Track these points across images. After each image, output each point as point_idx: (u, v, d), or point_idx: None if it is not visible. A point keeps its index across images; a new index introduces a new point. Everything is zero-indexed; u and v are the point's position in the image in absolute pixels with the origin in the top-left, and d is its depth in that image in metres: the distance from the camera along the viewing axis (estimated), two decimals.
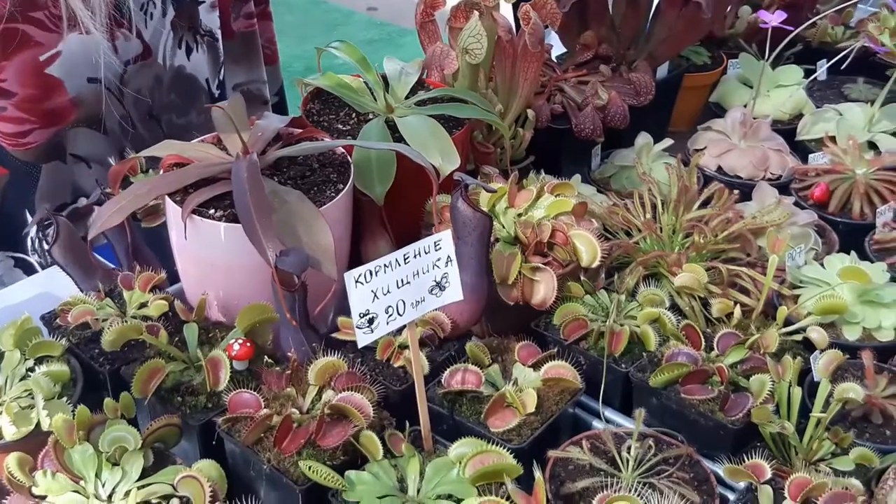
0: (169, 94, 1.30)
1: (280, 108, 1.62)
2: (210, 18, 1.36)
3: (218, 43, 1.38)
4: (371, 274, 0.85)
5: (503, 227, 1.13)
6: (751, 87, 1.57)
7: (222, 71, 1.41)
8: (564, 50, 1.61)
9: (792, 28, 1.49)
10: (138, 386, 0.96)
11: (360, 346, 0.86)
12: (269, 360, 0.98)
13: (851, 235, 1.28)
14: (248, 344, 0.98)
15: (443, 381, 0.98)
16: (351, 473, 0.87)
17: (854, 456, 0.91)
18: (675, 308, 1.10)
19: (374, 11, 5.13)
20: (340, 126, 1.22)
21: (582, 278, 1.12)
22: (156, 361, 0.97)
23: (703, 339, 1.03)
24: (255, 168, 1.02)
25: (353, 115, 1.24)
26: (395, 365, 1.01)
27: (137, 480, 0.88)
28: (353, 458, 0.89)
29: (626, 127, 1.45)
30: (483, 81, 1.35)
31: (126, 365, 1.01)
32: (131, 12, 1.21)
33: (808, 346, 1.05)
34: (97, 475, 0.88)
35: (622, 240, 1.21)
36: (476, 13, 1.27)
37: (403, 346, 1.01)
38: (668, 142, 1.42)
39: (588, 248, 1.10)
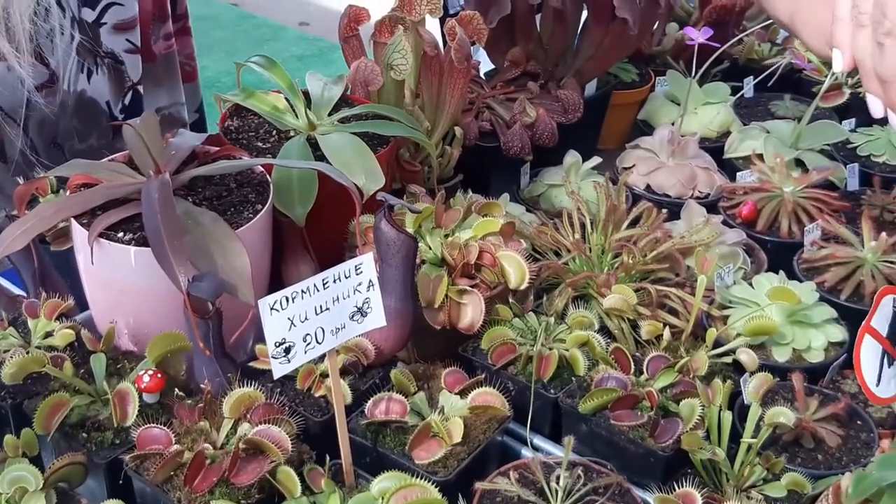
0: (72, 120, 1.25)
1: (199, 126, 1.57)
2: (112, 40, 1.31)
3: (122, 66, 1.33)
4: (287, 300, 0.81)
5: (429, 248, 1.10)
6: (679, 105, 1.57)
7: (129, 95, 1.35)
8: (493, 66, 1.59)
9: (718, 45, 1.49)
10: (41, 421, 0.90)
11: (275, 377, 0.82)
12: (181, 393, 0.93)
13: (780, 254, 1.27)
14: (159, 375, 0.93)
15: (366, 410, 0.94)
16: None
17: (786, 482, 0.90)
18: (604, 330, 1.08)
19: (306, 26, 5.08)
20: (260, 144, 1.18)
21: (510, 300, 1.09)
22: (59, 395, 0.91)
23: (632, 363, 1.01)
24: (167, 188, 0.97)
25: (274, 132, 1.20)
26: (317, 394, 0.97)
27: None
28: (269, 495, 0.85)
29: (555, 145, 1.43)
30: (409, 98, 1.32)
31: (29, 399, 0.95)
32: (37, 40, 1.16)
33: (739, 368, 1.03)
34: None
35: (551, 260, 1.18)
36: (401, 28, 1.24)
37: (325, 375, 0.97)
38: (596, 160, 1.41)
39: (516, 269, 1.08)
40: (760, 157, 1.42)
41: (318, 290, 0.83)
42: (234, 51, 4.71)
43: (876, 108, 0.79)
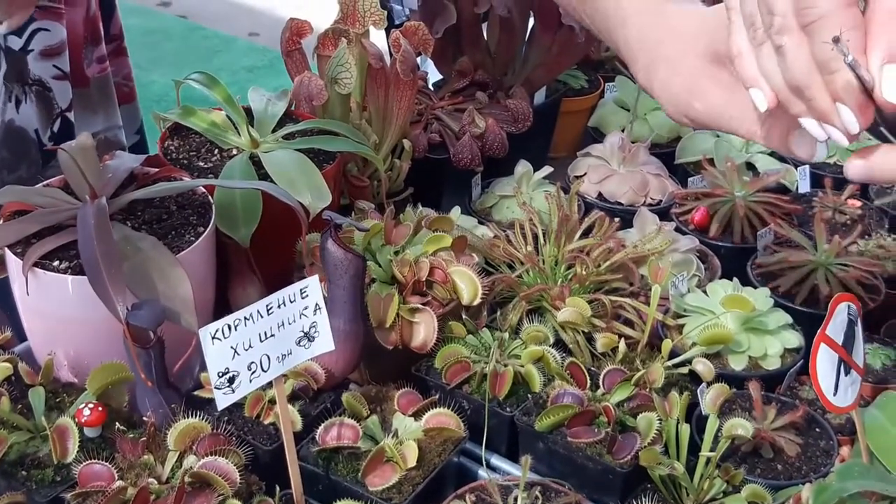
0: (0, 152, 1.21)
1: (140, 148, 1.53)
2: (39, 67, 1.27)
3: (50, 93, 1.29)
4: (230, 328, 0.78)
5: (379, 265, 1.07)
6: (628, 111, 1.56)
7: (57, 122, 1.31)
8: (440, 77, 1.57)
9: None
10: None
11: (219, 408, 0.79)
12: (122, 427, 0.89)
13: (734, 259, 1.26)
14: (101, 408, 0.89)
15: (317, 437, 0.91)
16: None
17: (746, 494, 0.89)
18: (559, 343, 1.06)
19: (256, 37, 5.03)
20: (202, 164, 1.14)
21: (464, 317, 1.07)
22: None
23: (588, 378, 0.99)
24: (104, 213, 0.94)
25: (216, 151, 1.16)
26: (266, 422, 0.94)
27: None
28: None
29: (506, 155, 1.42)
30: (356, 112, 1.29)
31: None
32: None
33: (696, 378, 1.02)
34: None
35: (504, 274, 1.16)
36: (344, 41, 1.22)
37: (274, 401, 0.94)
38: (547, 169, 1.39)
39: (468, 285, 1.06)
40: (711, 161, 1.41)
41: (262, 317, 0.81)
42: (183, 64, 4.64)
43: (817, 132, 0.64)
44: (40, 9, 1.25)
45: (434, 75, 1.58)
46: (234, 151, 1.16)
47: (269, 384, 0.93)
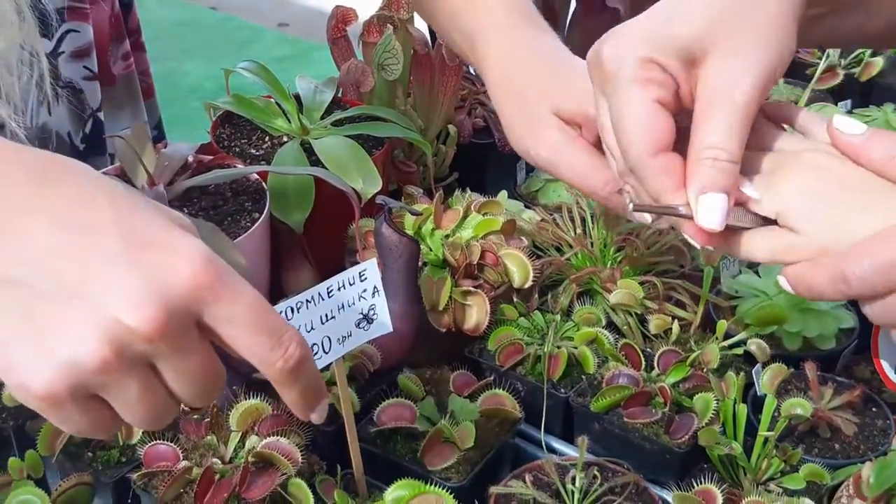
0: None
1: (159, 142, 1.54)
2: (70, 69, 1.28)
3: (82, 94, 1.30)
4: (293, 311, 0.79)
5: (430, 250, 1.08)
6: None
7: (89, 123, 1.32)
8: None
9: None
10: (45, 442, 0.89)
11: None
12: (187, 408, 0.91)
13: None
14: None
15: (375, 418, 0.92)
16: None
17: (804, 473, 0.89)
18: (611, 325, 1.07)
19: (286, 28, 5.05)
20: (253, 151, 1.16)
21: (515, 299, 1.08)
22: None
23: (642, 359, 0.99)
24: (163, 200, 0.95)
25: (267, 138, 1.18)
26: None
27: None
28: None
29: None
30: (401, 98, 1.30)
31: (31, 420, 0.93)
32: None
33: (750, 359, 1.02)
34: None
35: (553, 257, 1.16)
36: (390, 27, 1.23)
37: (331, 383, 0.95)
38: None
39: (520, 267, 1.06)
40: None
41: (322, 299, 0.81)
42: (214, 55, 4.67)
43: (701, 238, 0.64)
44: (69, 10, 1.25)
45: None
46: (285, 138, 1.17)
47: (326, 367, 0.95)
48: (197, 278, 0.52)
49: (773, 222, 0.62)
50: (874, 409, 0.99)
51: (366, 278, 0.84)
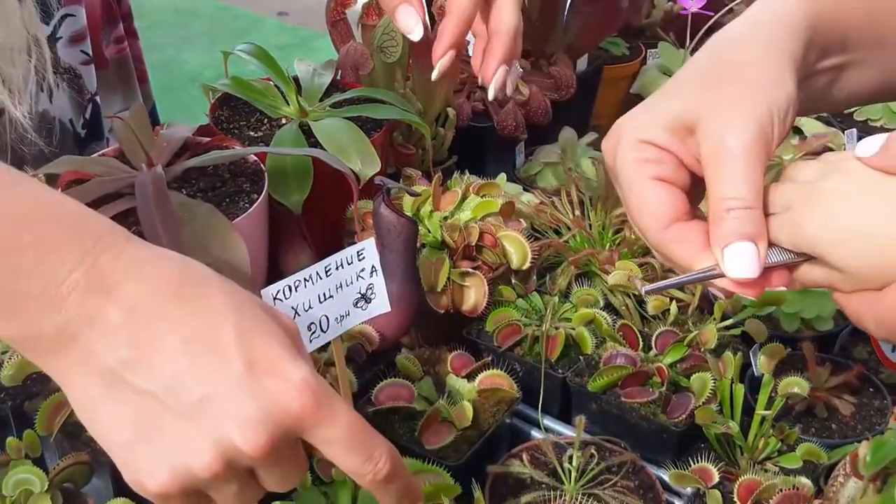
0: (36, 143, 1.22)
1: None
2: (68, 54, 1.27)
3: (81, 79, 1.29)
4: (290, 289, 0.79)
5: (429, 231, 1.08)
6: (670, 77, 1.55)
7: (89, 108, 1.32)
8: None
9: (712, 13, 1.47)
10: (43, 422, 0.89)
11: None
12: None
13: None
14: None
15: (373, 398, 0.93)
16: None
17: (801, 452, 0.89)
18: (609, 307, 1.07)
19: (285, 16, 5.05)
20: (252, 133, 1.16)
21: (513, 281, 1.08)
22: (60, 395, 0.89)
23: (640, 339, 1.00)
24: (161, 181, 0.95)
25: (265, 120, 1.18)
26: None
27: None
28: None
29: (549, 122, 1.42)
30: (400, 80, 1.30)
31: (29, 400, 0.93)
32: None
33: (747, 340, 1.02)
34: None
35: (552, 239, 1.17)
36: None
37: (329, 364, 0.96)
38: (592, 135, 1.39)
39: (518, 249, 1.06)
40: None
41: (320, 278, 0.81)
42: (214, 43, 4.67)
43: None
44: None
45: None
46: (284, 121, 1.17)
47: (324, 348, 0.95)
48: (304, 409, 0.58)
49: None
50: (871, 390, 0.99)
51: (364, 257, 0.84)
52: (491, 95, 1.04)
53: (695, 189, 0.64)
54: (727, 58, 0.65)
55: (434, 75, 1.02)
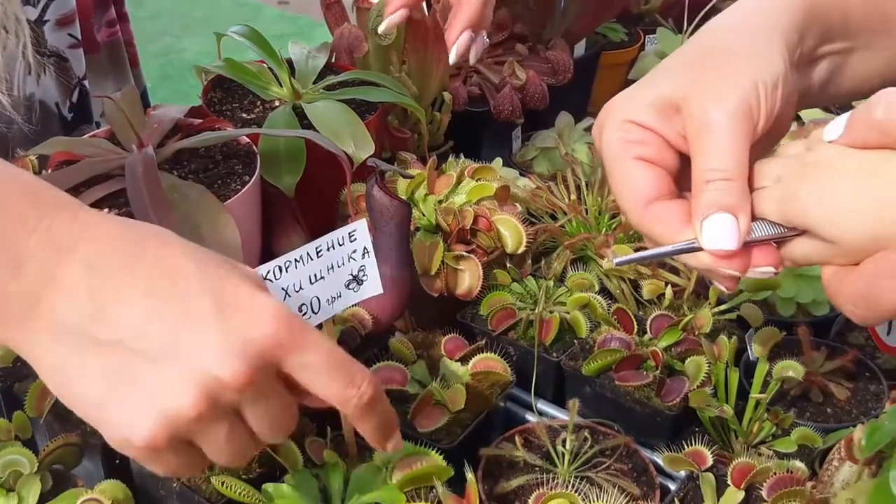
0: (24, 126, 1.21)
1: None
2: (56, 37, 1.26)
3: (68, 63, 1.28)
4: (281, 270, 0.78)
5: (423, 214, 1.07)
6: None
7: (76, 92, 1.30)
8: None
9: None
10: (32, 404, 0.88)
11: None
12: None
13: None
14: None
15: None
16: (269, 486, 0.81)
17: (796, 437, 0.88)
18: (604, 292, 1.06)
19: (286, 5, 5.03)
20: (245, 115, 1.15)
21: (508, 265, 1.07)
22: None
23: (635, 323, 0.99)
24: (151, 162, 0.94)
25: (258, 102, 1.17)
26: None
27: None
28: (270, 469, 0.83)
29: (546, 107, 1.41)
30: (396, 64, 1.29)
31: (19, 382, 0.93)
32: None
33: (742, 325, 1.01)
34: None
35: (547, 223, 1.16)
36: None
37: None
38: (589, 120, 1.38)
39: (513, 233, 1.05)
40: None
41: (311, 259, 0.81)
42: (213, 31, 4.65)
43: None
44: None
45: None
46: (277, 103, 1.16)
47: (318, 328, 0.94)
48: (278, 335, 0.58)
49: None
50: (867, 375, 0.98)
51: (355, 239, 0.84)
52: (452, 59, 1.05)
53: (684, 171, 0.64)
54: (716, 41, 0.65)
55: (381, 27, 1.09)
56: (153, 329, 0.57)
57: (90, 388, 0.57)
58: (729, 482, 0.82)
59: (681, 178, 0.64)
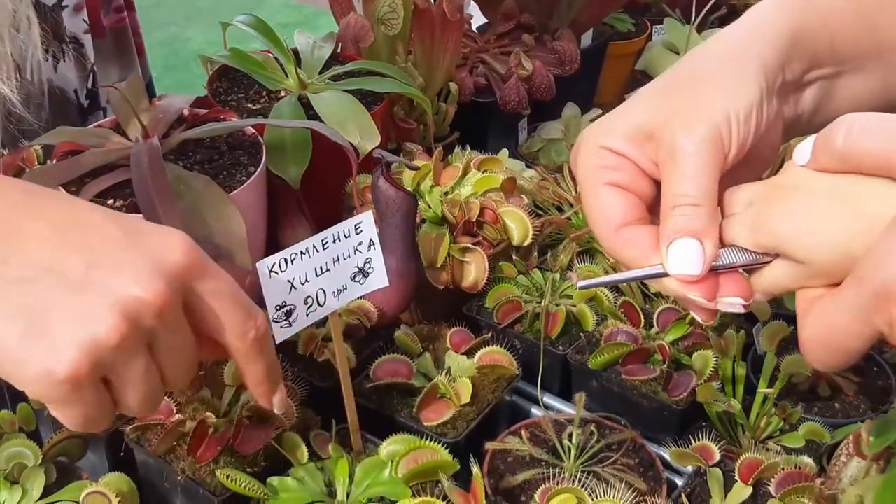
0: (40, 113, 1.20)
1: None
2: (74, 23, 1.25)
3: (84, 48, 1.27)
4: (286, 262, 0.78)
5: (429, 206, 1.07)
6: (677, 54, 1.54)
7: (90, 78, 1.30)
8: (485, 21, 1.55)
9: None
10: None
11: (277, 341, 0.78)
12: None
13: None
14: None
15: (371, 373, 0.92)
16: (274, 480, 0.80)
17: (803, 432, 0.88)
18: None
19: None
20: (250, 105, 1.14)
21: (514, 257, 1.07)
22: None
23: (642, 316, 0.98)
24: (157, 152, 0.94)
25: (264, 93, 1.16)
26: (320, 359, 0.94)
27: (39, 499, 0.80)
28: (275, 463, 0.83)
29: (552, 98, 1.40)
30: (402, 54, 1.28)
31: None
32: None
33: (750, 319, 1.01)
34: None
35: (554, 215, 1.15)
36: None
37: (327, 339, 0.95)
38: (597, 111, 1.38)
39: (519, 225, 1.05)
40: None
41: (317, 251, 0.80)
42: (218, 20, 4.64)
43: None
44: None
45: (478, 19, 1.56)
46: (283, 93, 1.15)
47: (322, 323, 0.94)
48: (189, 257, 0.60)
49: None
50: (875, 369, 0.98)
51: (361, 231, 0.83)
52: None
53: (659, 199, 0.64)
54: (694, 69, 0.64)
55: None
56: (65, 260, 0.57)
57: (7, 328, 0.55)
58: (737, 477, 0.82)
59: (656, 205, 0.64)
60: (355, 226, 0.82)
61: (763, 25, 0.64)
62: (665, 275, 0.59)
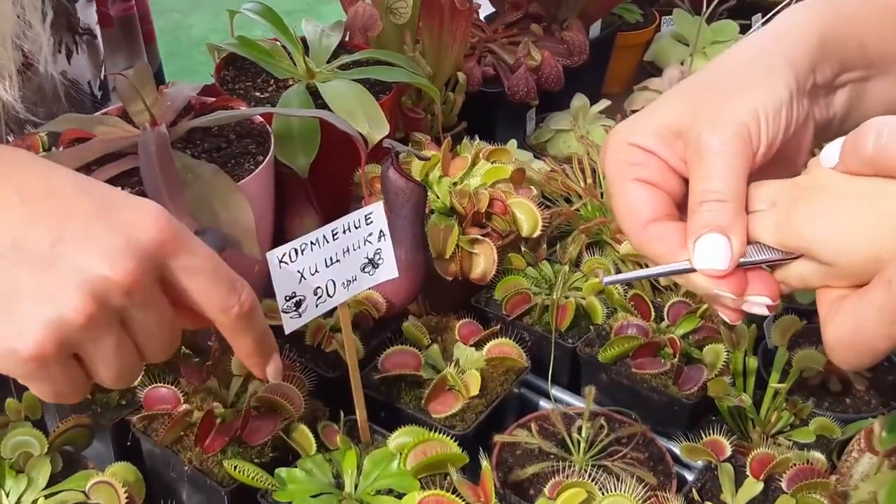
0: (53, 105, 1.19)
1: None
2: (87, 14, 1.24)
3: (97, 40, 1.26)
4: (296, 252, 0.77)
5: (437, 197, 1.06)
6: (686, 45, 1.53)
7: (103, 70, 1.29)
8: (492, 10, 1.54)
9: None
10: None
11: (287, 331, 0.78)
12: (187, 351, 0.89)
13: None
14: None
15: (379, 365, 0.91)
16: (281, 471, 0.80)
17: (814, 427, 0.87)
18: None
19: None
20: (258, 94, 1.13)
21: (523, 249, 1.06)
22: None
23: (652, 310, 0.97)
24: (164, 140, 0.93)
25: (272, 81, 1.15)
26: (327, 350, 0.94)
27: (45, 488, 0.80)
28: (283, 454, 0.82)
29: (561, 89, 1.39)
30: (410, 43, 1.27)
31: None
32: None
33: None
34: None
35: (563, 207, 1.15)
36: None
37: (335, 330, 0.94)
38: (605, 102, 1.37)
39: (528, 216, 1.04)
40: None
41: (327, 242, 0.80)
42: (221, 7, 4.59)
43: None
44: None
45: (486, 8, 1.55)
46: (290, 82, 1.14)
47: (330, 314, 0.93)
48: (163, 233, 0.57)
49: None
50: (887, 365, 0.97)
51: (371, 221, 0.82)
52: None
53: (688, 196, 0.63)
54: (722, 71, 0.64)
55: None
56: (32, 235, 0.55)
57: None
58: (748, 473, 0.81)
59: (685, 203, 0.63)
60: (365, 216, 0.82)
61: (792, 29, 0.64)
62: (692, 270, 0.59)
